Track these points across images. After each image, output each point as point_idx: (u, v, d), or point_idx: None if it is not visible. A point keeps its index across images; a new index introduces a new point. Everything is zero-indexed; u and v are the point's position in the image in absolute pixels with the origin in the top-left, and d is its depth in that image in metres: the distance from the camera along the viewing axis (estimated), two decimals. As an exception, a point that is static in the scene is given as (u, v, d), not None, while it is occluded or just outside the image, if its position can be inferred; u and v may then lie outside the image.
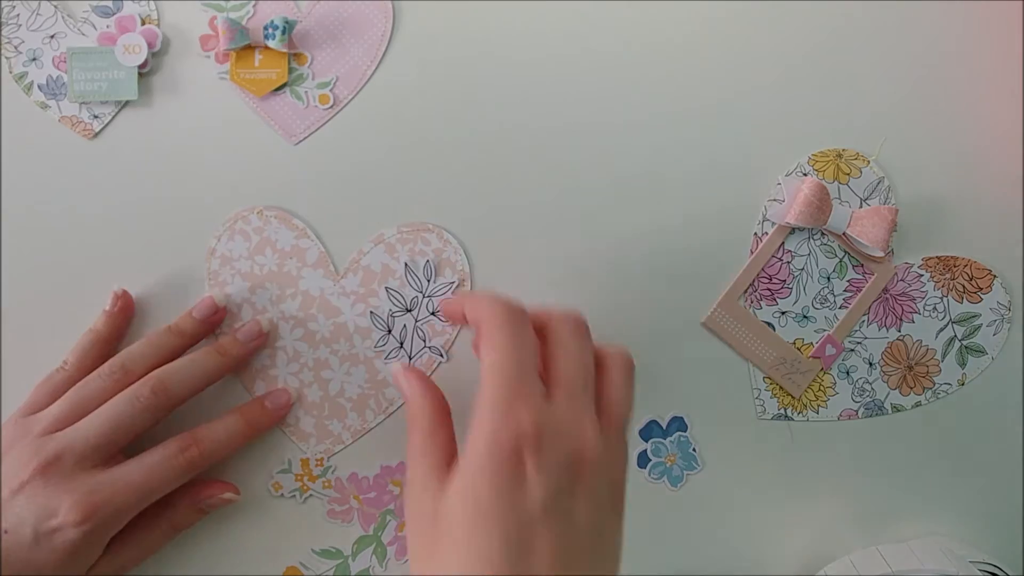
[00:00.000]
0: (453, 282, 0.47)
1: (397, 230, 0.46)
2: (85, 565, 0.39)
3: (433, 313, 0.47)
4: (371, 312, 0.46)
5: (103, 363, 0.42)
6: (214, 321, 0.44)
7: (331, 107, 0.46)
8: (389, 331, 0.47)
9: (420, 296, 0.47)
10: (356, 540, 0.47)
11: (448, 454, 0.35)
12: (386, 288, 0.46)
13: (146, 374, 0.41)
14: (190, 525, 0.44)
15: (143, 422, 0.40)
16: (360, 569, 0.46)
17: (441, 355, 0.47)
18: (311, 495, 0.46)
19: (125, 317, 0.44)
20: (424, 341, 0.47)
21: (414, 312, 0.47)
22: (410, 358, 0.47)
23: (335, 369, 0.46)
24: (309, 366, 0.46)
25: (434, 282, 0.47)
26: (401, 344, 0.47)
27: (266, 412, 0.44)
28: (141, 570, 0.44)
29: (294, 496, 0.46)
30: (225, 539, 0.46)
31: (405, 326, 0.47)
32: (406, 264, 0.46)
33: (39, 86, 0.45)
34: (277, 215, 0.46)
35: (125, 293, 0.44)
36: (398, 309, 0.47)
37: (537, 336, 0.37)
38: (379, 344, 0.47)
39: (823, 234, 0.49)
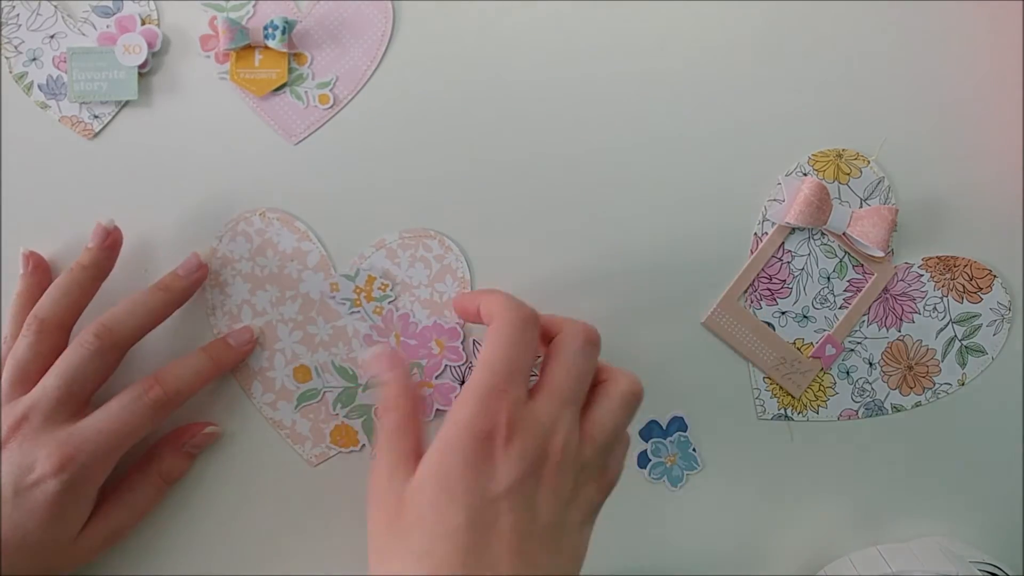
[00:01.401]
0: (539, 356, 0.47)
1: (399, 235, 0.46)
2: (73, 522, 0.39)
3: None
4: (449, 366, 0.47)
5: None
6: (115, 245, 0.43)
7: (331, 107, 0.46)
8: (462, 382, 0.47)
9: None
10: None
11: (417, 446, 0.36)
12: (473, 340, 0.47)
13: (63, 317, 0.41)
14: (181, 473, 0.44)
15: (95, 367, 0.40)
16: (364, 403, 0.46)
17: None
18: (359, 312, 0.46)
19: (42, 272, 0.44)
20: None
21: None
22: None
23: (327, 367, 0.46)
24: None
25: None
26: None
27: (230, 349, 0.44)
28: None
29: (344, 304, 0.46)
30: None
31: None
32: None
33: (39, 86, 0.45)
34: (279, 217, 0.46)
35: (33, 253, 0.44)
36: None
37: (546, 343, 0.39)
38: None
39: (823, 234, 0.49)
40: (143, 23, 0.45)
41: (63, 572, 0.40)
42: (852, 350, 0.49)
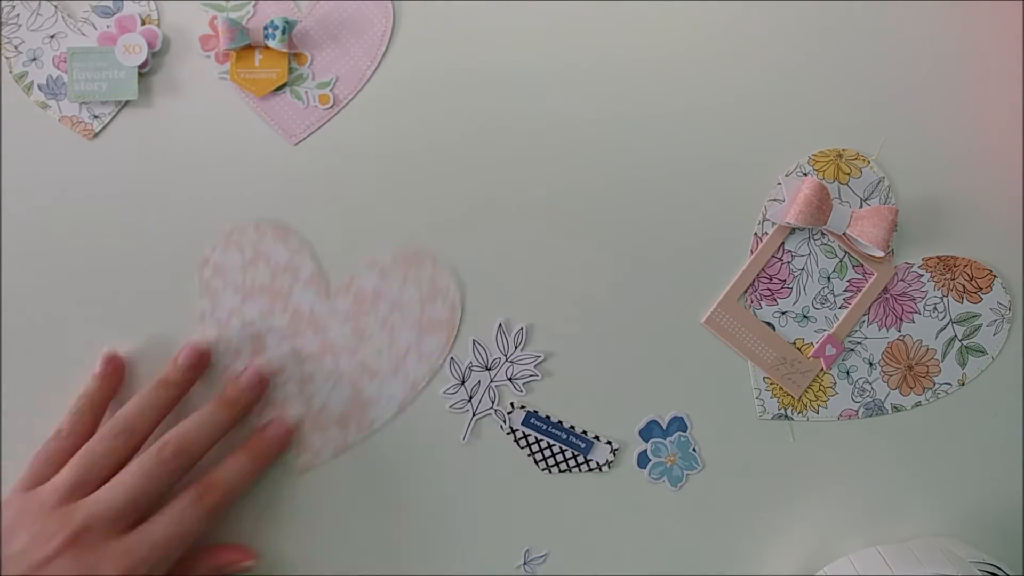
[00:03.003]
0: (539, 356, 0.47)
1: (392, 255, 0.46)
2: None
3: (510, 379, 0.47)
4: (451, 358, 0.47)
5: (96, 425, 0.42)
6: (200, 366, 0.44)
7: (331, 107, 0.46)
8: (463, 382, 0.47)
9: (503, 358, 0.47)
10: None
11: None
12: (473, 340, 0.46)
13: (149, 431, 0.42)
14: None
15: (166, 485, 0.40)
16: None
17: (503, 422, 0.47)
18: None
19: (117, 378, 0.44)
20: (492, 402, 0.47)
21: (492, 372, 0.47)
22: (474, 414, 0.47)
23: (319, 385, 0.46)
24: (294, 381, 0.46)
25: (521, 349, 0.47)
26: (470, 398, 0.47)
27: (270, 444, 0.45)
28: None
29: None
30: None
31: (479, 382, 0.47)
32: (500, 324, 0.46)
33: (39, 86, 0.45)
34: (274, 230, 0.46)
35: (116, 355, 0.44)
36: (478, 364, 0.47)
37: None
38: (448, 391, 0.47)
39: (823, 234, 0.49)
40: (143, 23, 0.45)
41: None
42: (852, 350, 0.49)
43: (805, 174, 0.48)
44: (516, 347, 0.47)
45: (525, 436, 0.48)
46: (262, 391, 0.45)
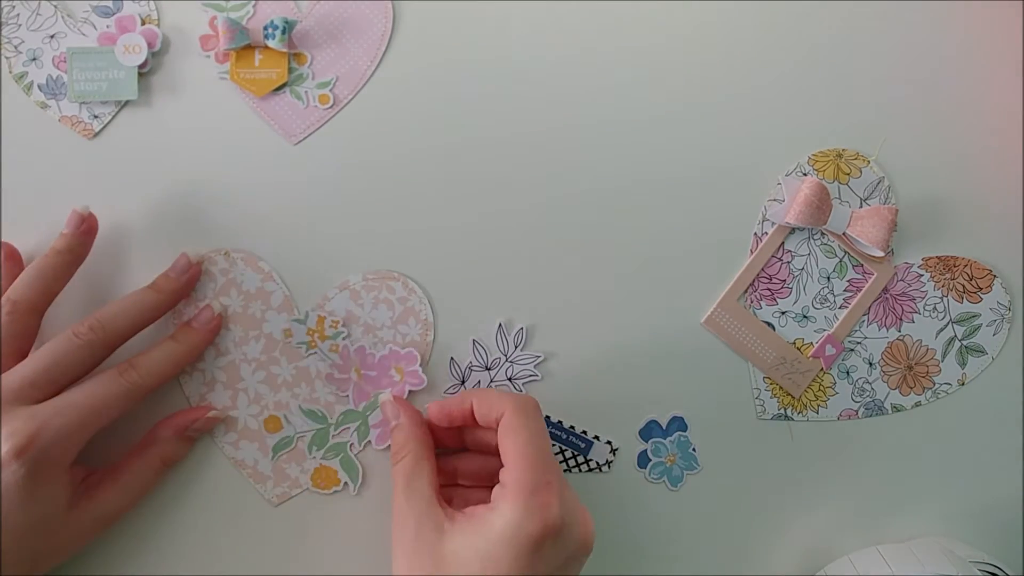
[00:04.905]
0: (539, 356, 0.47)
1: (363, 277, 0.46)
2: (50, 503, 0.38)
3: (510, 379, 0.47)
4: (451, 358, 0.47)
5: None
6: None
7: (331, 107, 0.46)
8: (463, 382, 0.47)
9: (502, 358, 0.47)
10: (343, 412, 0.46)
11: (436, 484, 0.40)
12: (473, 340, 0.46)
13: (31, 302, 0.41)
14: (180, 458, 0.44)
15: (81, 359, 0.39)
16: (338, 441, 0.46)
17: None
18: (315, 352, 0.46)
19: (12, 264, 0.43)
20: None
21: (492, 372, 0.47)
22: None
23: (295, 413, 0.46)
24: (270, 409, 0.46)
25: (521, 349, 0.47)
26: None
27: (197, 332, 0.44)
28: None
29: (300, 347, 0.46)
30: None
31: (479, 382, 0.47)
32: (500, 324, 0.46)
33: (39, 86, 0.45)
34: (243, 257, 0.46)
35: (6, 243, 0.43)
36: (478, 364, 0.47)
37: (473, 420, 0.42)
38: (448, 391, 0.47)
39: (823, 234, 0.49)
40: (143, 23, 0.45)
41: (56, 556, 0.39)
42: (852, 350, 0.49)
43: (805, 174, 0.48)
44: (516, 347, 0.47)
45: (525, 436, 0.48)
46: (192, 278, 0.44)
